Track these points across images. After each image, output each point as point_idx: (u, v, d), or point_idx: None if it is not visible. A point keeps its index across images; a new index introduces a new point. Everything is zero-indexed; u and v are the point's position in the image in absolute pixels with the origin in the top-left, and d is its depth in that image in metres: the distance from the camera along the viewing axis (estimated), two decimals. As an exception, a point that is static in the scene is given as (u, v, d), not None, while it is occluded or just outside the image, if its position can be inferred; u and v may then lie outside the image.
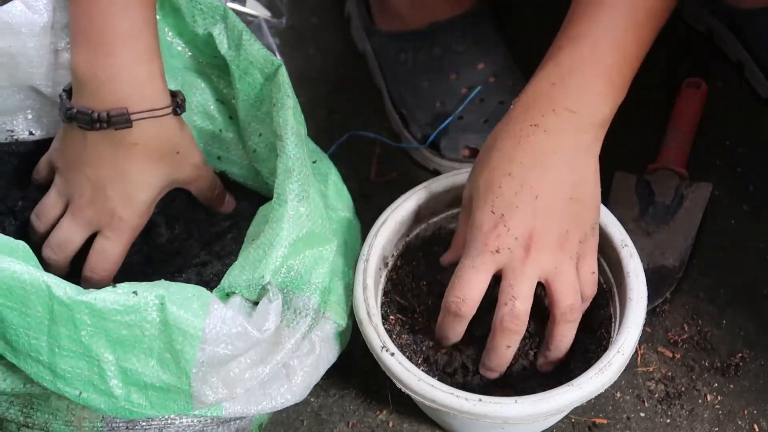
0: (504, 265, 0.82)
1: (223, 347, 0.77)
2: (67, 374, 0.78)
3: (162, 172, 0.88)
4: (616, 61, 0.84)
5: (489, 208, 0.82)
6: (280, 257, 0.83)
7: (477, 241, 0.82)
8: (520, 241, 0.81)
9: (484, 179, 0.83)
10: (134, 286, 0.78)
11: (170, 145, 0.88)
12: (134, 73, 0.84)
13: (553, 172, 0.82)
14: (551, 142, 0.83)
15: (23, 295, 0.75)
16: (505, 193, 0.82)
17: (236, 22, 0.91)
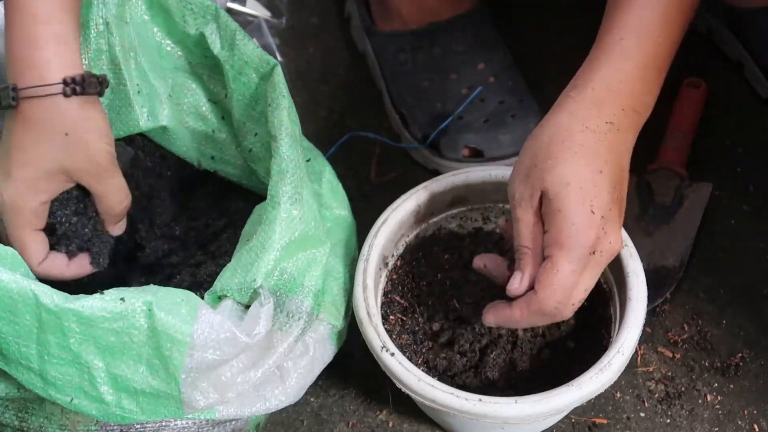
0: (588, 267, 0.80)
1: (211, 353, 0.77)
2: (58, 381, 0.78)
3: (42, 151, 0.83)
4: (667, 63, 0.85)
5: (588, 208, 0.78)
6: (273, 260, 0.83)
7: (581, 243, 0.79)
8: (611, 246, 0.80)
9: (574, 174, 0.79)
10: (122, 292, 0.77)
11: (58, 126, 0.83)
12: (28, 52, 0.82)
13: (624, 173, 0.82)
14: (623, 140, 0.82)
15: (11, 304, 0.75)
16: (601, 193, 0.79)
17: (229, 22, 0.90)
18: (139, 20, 0.94)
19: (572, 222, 0.78)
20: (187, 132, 0.98)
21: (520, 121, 1.09)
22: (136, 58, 0.95)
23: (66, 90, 0.81)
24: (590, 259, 0.79)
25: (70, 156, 0.83)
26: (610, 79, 0.82)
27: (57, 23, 0.82)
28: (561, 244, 0.79)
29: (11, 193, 0.83)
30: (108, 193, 0.87)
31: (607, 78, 0.82)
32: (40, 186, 0.84)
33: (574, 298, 0.80)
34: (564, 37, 1.23)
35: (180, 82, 0.97)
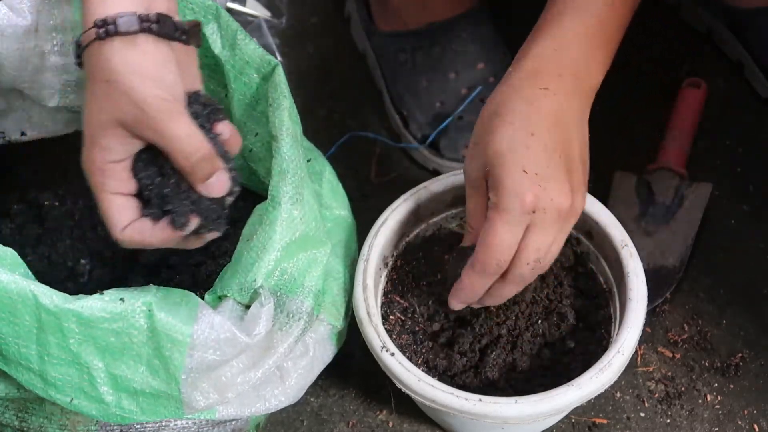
0: (534, 224, 0.81)
1: (211, 353, 0.77)
2: (58, 382, 0.78)
3: (95, 106, 0.76)
4: (615, 31, 0.85)
5: (520, 167, 0.79)
6: (273, 261, 0.82)
7: (514, 202, 0.79)
8: (556, 202, 0.80)
9: (506, 140, 0.80)
10: (121, 292, 0.77)
11: (99, 74, 0.76)
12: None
13: (569, 133, 0.82)
14: (562, 104, 0.82)
15: (10, 305, 0.75)
16: (535, 153, 0.80)
17: (230, 22, 0.90)
18: (140, 20, 0.94)
19: (504, 185, 0.80)
20: (187, 132, 0.98)
21: (520, 121, 1.08)
22: (136, 58, 0.95)
23: (99, 33, 0.75)
24: (532, 218, 0.80)
25: (116, 106, 0.75)
26: (545, 49, 0.84)
27: None
28: (496, 206, 0.80)
29: (84, 154, 0.77)
30: (172, 143, 0.76)
31: (543, 48, 0.84)
32: (102, 143, 0.76)
33: (524, 256, 0.81)
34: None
35: (180, 82, 0.97)
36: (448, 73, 1.12)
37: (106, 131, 0.76)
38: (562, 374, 0.87)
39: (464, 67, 1.12)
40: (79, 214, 0.97)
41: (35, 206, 0.97)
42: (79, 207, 0.97)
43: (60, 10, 0.92)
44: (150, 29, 0.76)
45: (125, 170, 0.78)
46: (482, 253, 0.81)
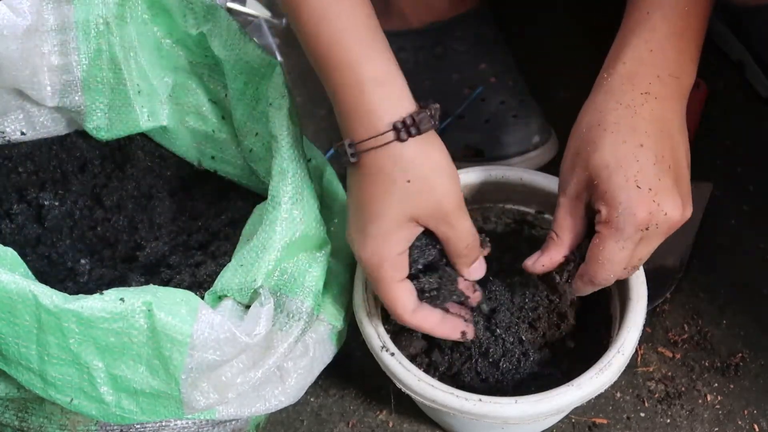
0: (643, 239, 0.80)
1: (211, 353, 0.77)
2: (58, 382, 0.78)
3: (391, 202, 0.79)
4: (700, 26, 0.84)
5: (633, 184, 0.78)
6: (273, 261, 0.83)
7: (629, 221, 0.78)
8: (669, 217, 0.79)
9: (612, 154, 0.79)
10: (121, 292, 0.77)
11: (399, 174, 0.79)
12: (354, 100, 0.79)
13: (675, 139, 0.81)
14: (665, 109, 0.81)
15: (10, 305, 0.75)
16: (645, 167, 0.78)
17: (230, 22, 0.90)
18: (139, 20, 0.94)
19: (618, 201, 0.78)
20: (187, 132, 0.98)
21: (521, 121, 1.09)
22: (136, 58, 0.95)
23: (401, 135, 0.78)
24: (643, 234, 0.79)
25: (416, 203, 0.80)
26: (639, 51, 0.82)
27: (372, 63, 0.79)
28: (610, 224, 0.79)
29: (368, 248, 0.81)
30: (457, 234, 0.82)
31: (637, 51, 0.82)
32: (394, 238, 0.81)
33: (626, 268, 0.81)
34: (564, 38, 1.23)
35: (180, 82, 0.97)
36: (449, 73, 1.12)
37: (402, 226, 0.81)
38: (562, 374, 0.87)
39: (466, 67, 1.12)
40: (79, 214, 0.97)
41: (35, 206, 0.97)
42: (79, 207, 0.97)
43: (60, 10, 0.92)
44: (435, 124, 0.80)
45: (407, 258, 0.83)
46: (593, 268, 0.81)
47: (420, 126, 0.79)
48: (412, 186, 0.79)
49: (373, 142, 0.78)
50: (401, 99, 0.80)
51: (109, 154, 1.01)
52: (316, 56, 0.80)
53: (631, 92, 0.80)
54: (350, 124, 0.79)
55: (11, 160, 0.98)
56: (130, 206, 0.98)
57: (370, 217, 0.80)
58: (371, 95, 0.79)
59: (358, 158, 0.79)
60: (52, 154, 1.00)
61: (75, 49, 0.93)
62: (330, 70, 0.80)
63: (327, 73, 0.80)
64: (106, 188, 0.99)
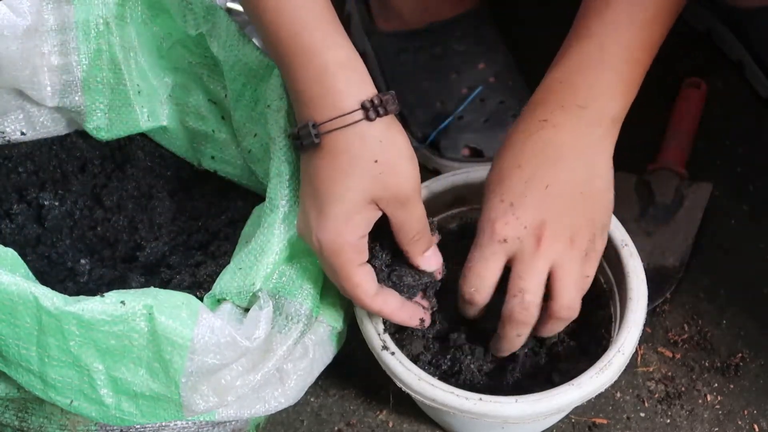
0: (514, 256, 0.81)
1: (211, 357, 0.77)
2: (58, 383, 0.78)
3: (353, 183, 0.79)
4: (625, 58, 0.83)
5: (498, 198, 0.81)
6: (271, 264, 0.82)
7: (485, 231, 0.81)
8: (530, 231, 0.80)
9: (494, 174, 0.83)
10: (122, 295, 0.77)
11: (363, 153, 0.79)
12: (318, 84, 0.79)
13: (564, 165, 0.81)
14: (561, 136, 0.82)
15: (11, 306, 0.75)
16: (515, 184, 0.81)
17: (229, 23, 0.90)
18: (139, 20, 0.94)
19: (483, 214, 0.82)
20: (187, 132, 0.98)
21: (520, 121, 1.09)
22: (136, 58, 0.95)
23: (369, 114, 0.78)
24: (506, 246, 0.80)
25: (380, 183, 0.79)
26: (551, 80, 0.84)
27: (335, 49, 0.79)
28: (476, 234, 0.82)
29: (329, 231, 0.79)
30: (408, 222, 0.82)
31: (550, 80, 0.84)
32: (355, 219, 0.79)
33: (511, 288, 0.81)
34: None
35: (180, 82, 0.97)
36: (448, 73, 1.12)
37: (364, 208, 0.79)
38: (562, 374, 0.87)
39: (465, 67, 1.12)
40: (79, 214, 0.97)
41: (35, 206, 0.97)
42: (79, 207, 0.97)
43: (60, 10, 0.92)
44: (398, 107, 0.80)
45: (366, 243, 0.81)
46: (460, 286, 0.83)
47: (387, 107, 0.78)
48: (377, 167, 0.79)
49: (339, 121, 0.78)
50: (365, 82, 0.80)
51: (109, 154, 1.01)
52: (277, 43, 0.80)
53: (531, 119, 0.83)
54: (313, 106, 0.79)
55: (11, 160, 0.98)
56: (130, 206, 0.98)
57: (331, 198, 0.79)
58: (336, 77, 0.78)
59: (320, 140, 0.78)
60: (52, 154, 1.00)
61: (75, 49, 0.93)
62: (291, 56, 0.79)
63: (288, 58, 0.80)
64: (106, 188, 0.99)
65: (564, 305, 0.82)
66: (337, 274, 0.81)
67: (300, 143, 0.80)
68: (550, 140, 0.82)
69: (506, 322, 0.83)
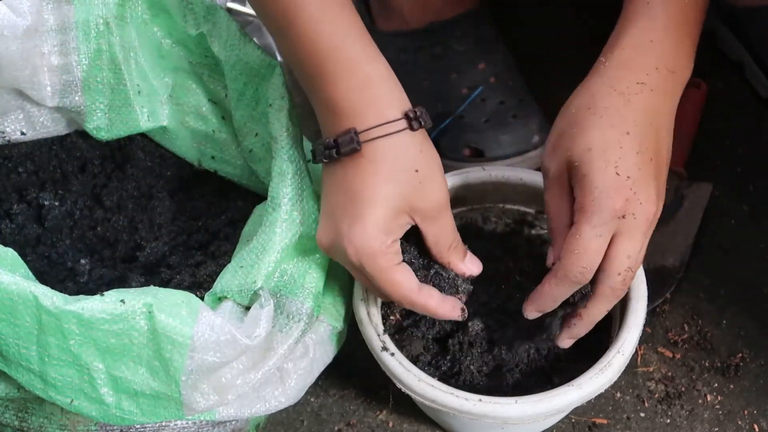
0: (622, 231, 0.78)
1: (212, 355, 0.77)
2: (58, 383, 0.78)
3: (392, 189, 0.79)
4: (697, 20, 0.83)
5: (613, 170, 0.77)
6: (273, 262, 0.82)
7: (604, 205, 0.77)
8: (644, 207, 0.78)
9: (598, 138, 0.78)
10: (122, 293, 0.77)
11: (405, 162, 0.79)
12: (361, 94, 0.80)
13: (660, 135, 0.80)
14: (658, 102, 0.80)
15: (11, 306, 0.75)
16: (627, 154, 0.77)
17: (229, 22, 0.90)
18: (139, 20, 0.94)
19: (595, 185, 0.77)
20: (187, 132, 0.98)
21: (521, 121, 1.09)
22: (136, 58, 0.95)
23: (413, 124, 0.79)
24: (620, 223, 0.78)
25: (419, 192, 0.79)
26: (639, 39, 0.81)
27: (376, 62, 0.81)
28: (584, 209, 0.78)
29: (367, 235, 0.79)
30: (443, 234, 0.82)
31: (637, 39, 0.81)
32: (390, 226, 0.79)
33: (616, 265, 0.79)
34: (564, 38, 1.23)
35: (180, 82, 0.97)
36: (448, 73, 1.12)
37: (399, 216, 0.80)
38: (562, 374, 0.87)
39: (465, 67, 1.12)
40: (79, 214, 0.97)
41: (35, 206, 0.97)
42: (79, 207, 0.97)
43: (60, 10, 0.92)
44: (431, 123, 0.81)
45: (399, 250, 0.81)
46: (566, 258, 0.79)
47: (424, 120, 0.79)
48: (417, 176, 0.79)
49: (382, 129, 0.78)
50: (403, 95, 0.81)
51: (109, 154, 1.01)
52: (313, 55, 0.80)
53: (627, 79, 0.80)
54: (355, 116, 0.79)
55: (11, 160, 0.98)
56: (130, 206, 0.98)
57: (369, 204, 0.78)
58: (379, 88, 0.79)
59: (361, 147, 0.78)
60: (52, 154, 1.00)
61: (75, 49, 0.93)
62: (332, 68, 0.79)
63: (328, 70, 0.80)
64: (106, 188, 0.99)
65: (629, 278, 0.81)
66: (377, 277, 0.80)
67: (336, 151, 0.79)
68: (651, 106, 0.80)
69: (603, 298, 0.81)
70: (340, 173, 0.80)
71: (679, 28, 0.82)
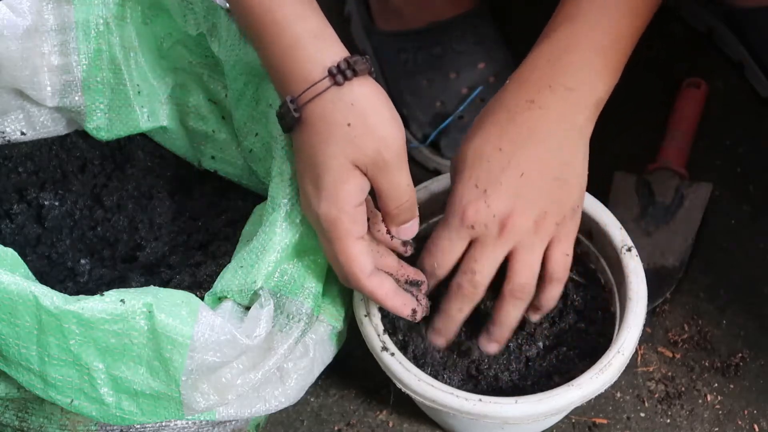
0: (476, 238, 0.83)
1: (212, 355, 0.77)
2: (58, 383, 0.78)
3: (333, 149, 0.77)
4: (612, 41, 0.83)
5: (473, 182, 0.82)
6: (273, 262, 0.82)
7: (456, 213, 0.82)
8: (497, 219, 0.81)
9: (472, 150, 0.82)
10: (122, 293, 0.77)
11: (340, 118, 0.77)
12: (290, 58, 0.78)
13: (543, 151, 0.82)
14: (545, 119, 0.82)
15: (11, 306, 0.75)
16: (492, 168, 0.81)
17: (229, 22, 0.90)
18: (139, 20, 0.94)
19: (454, 192, 0.82)
20: (187, 132, 0.98)
21: (520, 121, 1.08)
22: (136, 58, 0.95)
23: (337, 79, 0.77)
24: (470, 231, 0.82)
25: (357, 147, 0.77)
26: (538, 59, 0.83)
27: (303, 21, 0.79)
28: (446, 211, 0.83)
29: (325, 201, 0.78)
30: (392, 190, 0.80)
31: (537, 59, 0.83)
32: (346, 186, 0.78)
33: (462, 266, 0.83)
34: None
35: (180, 82, 0.97)
36: (448, 73, 1.12)
37: (350, 175, 0.78)
38: (562, 374, 0.87)
39: (465, 66, 1.12)
40: (79, 214, 0.97)
41: (35, 206, 0.97)
42: (79, 207, 0.97)
43: (60, 10, 0.92)
44: (369, 67, 0.79)
45: (365, 213, 0.80)
46: (422, 257, 0.85)
47: (355, 67, 0.77)
48: (351, 130, 0.77)
49: (311, 91, 0.77)
50: (333, 46, 0.79)
51: (109, 154, 1.01)
52: (250, 20, 0.80)
53: (517, 97, 0.83)
54: (288, 81, 0.79)
55: (11, 160, 0.98)
56: (130, 206, 0.98)
57: (320, 168, 0.78)
58: (306, 48, 0.78)
59: (300, 113, 0.78)
60: (52, 154, 1.00)
61: (75, 49, 0.93)
62: (265, 31, 0.79)
63: (262, 33, 0.79)
64: (106, 188, 0.99)
65: (516, 286, 0.83)
66: (334, 246, 0.80)
67: (284, 122, 0.80)
68: (534, 124, 0.82)
69: (453, 296, 0.85)
70: (297, 140, 0.81)
71: (583, 48, 0.82)
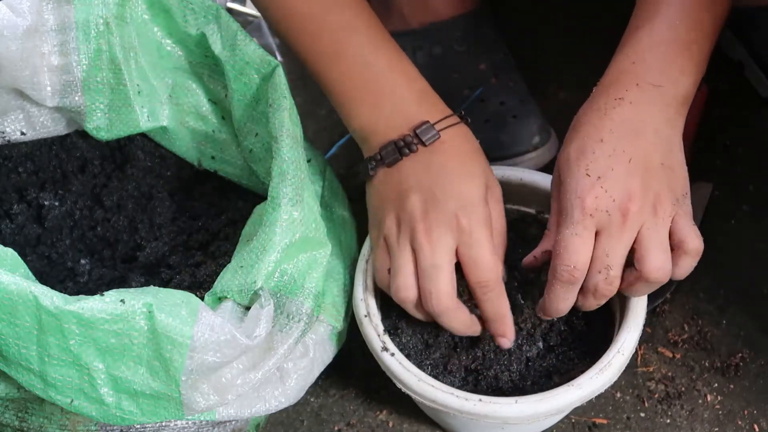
0: (601, 229, 0.81)
1: (211, 355, 0.77)
2: (58, 383, 0.78)
3: (477, 165, 0.87)
4: (694, 37, 0.86)
5: (583, 172, 0.81)
6: (273, 262, 0.82)
7: (575, 206, 0.81)
8: (618, 204, 0.81)
9: (574, 150, 0.83)
10: (122, 293, 0.77)
11: (474, 144, 0.88)
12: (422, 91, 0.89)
13: (643, 140, 0.82)
14: (638, 113, 0.83)
15: (10, 306, 0.75)
16: (599, 158, 0.81)
17: (230, 22, 0.90)
18: (139, 20, 0.94)
19: (567, 188, 0.82)
20: (187, 132, 0.98)
21: (521, 122, 1.09)
22: (136, 58, 0.95)
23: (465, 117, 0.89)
24: (596, 221, 0.81)
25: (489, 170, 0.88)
26: (622, 63, 0.85)
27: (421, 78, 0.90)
28: (560, 211, 0.83)
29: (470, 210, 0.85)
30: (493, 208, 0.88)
31: (620, 63, 0.85)
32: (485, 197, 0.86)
33: (594, 265, 0.82)
34: (564, 38, 1.23)
35: (180, 82, 0.97)
36: (449, 74, 1.12)
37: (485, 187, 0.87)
38: (562, 374, 0.87)
39: (465, 67, 1.12)
40: (79, 214, 0.97)
41: (35, 206, 0.97)
42: (79, 207, 0.97)
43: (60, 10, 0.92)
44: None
45: None
46: (552, 260, 0.83)
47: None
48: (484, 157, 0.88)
49: (450, 120, 0.87)
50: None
51: (109, 154, 1.01)
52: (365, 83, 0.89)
53: (606, 98, 0.84)
54: (420, 111, 0.87)
55: (11, 160, 0.98)
56: (130, 206, 0.98)
57: (464, 176, 0.85)
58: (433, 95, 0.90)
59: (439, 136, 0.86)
60: (52, 154, 1.00)
61: (75, 49, 0.93)
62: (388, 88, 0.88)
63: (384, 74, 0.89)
64: (106, 188, 0.99)
65: (653, 268, 0.82)
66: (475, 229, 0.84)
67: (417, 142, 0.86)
68: (628, 117, 0.83)
69: (590, 294, 0.83)
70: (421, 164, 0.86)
71: (666, 45, 0.84)
